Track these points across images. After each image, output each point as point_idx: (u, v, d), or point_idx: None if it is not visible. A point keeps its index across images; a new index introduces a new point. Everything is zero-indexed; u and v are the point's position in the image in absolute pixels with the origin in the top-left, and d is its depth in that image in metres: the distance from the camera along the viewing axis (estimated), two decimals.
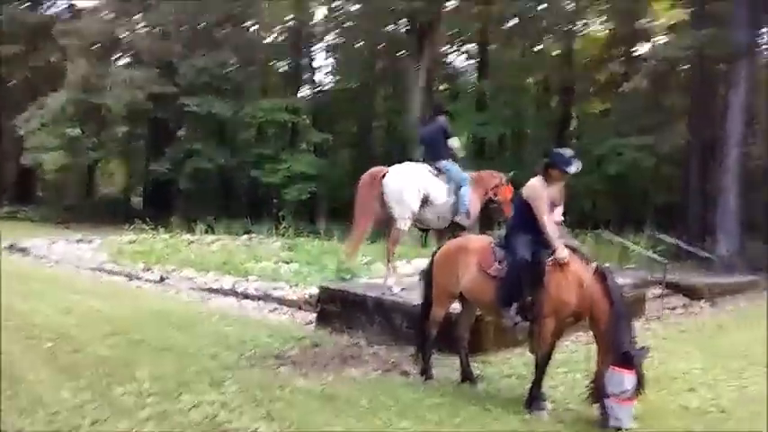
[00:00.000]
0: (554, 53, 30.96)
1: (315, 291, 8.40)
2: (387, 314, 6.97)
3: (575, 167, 4.93)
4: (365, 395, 5.01)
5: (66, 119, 26.64)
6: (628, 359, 4.34)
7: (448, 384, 5.41)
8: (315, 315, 7.92)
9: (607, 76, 30.71)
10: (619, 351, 4.37)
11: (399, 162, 7.92)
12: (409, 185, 7.26)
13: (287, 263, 12.18)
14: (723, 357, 6.71)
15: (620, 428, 4.35)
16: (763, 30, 21.96)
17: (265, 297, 9.30)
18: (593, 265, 4.76)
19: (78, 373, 5.35)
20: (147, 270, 11.92)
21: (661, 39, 27.76)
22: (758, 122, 18.08)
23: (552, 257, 4.75)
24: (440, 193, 7.46)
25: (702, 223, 20.42)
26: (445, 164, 7.65)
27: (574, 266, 4.71)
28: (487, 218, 8.67)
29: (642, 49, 28.59)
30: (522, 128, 31.29)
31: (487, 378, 5.63)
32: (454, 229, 7.63)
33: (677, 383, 5.63)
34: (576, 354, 6.46)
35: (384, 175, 7.37)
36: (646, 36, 29.44)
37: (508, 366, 6.04)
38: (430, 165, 7.64)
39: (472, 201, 7.63)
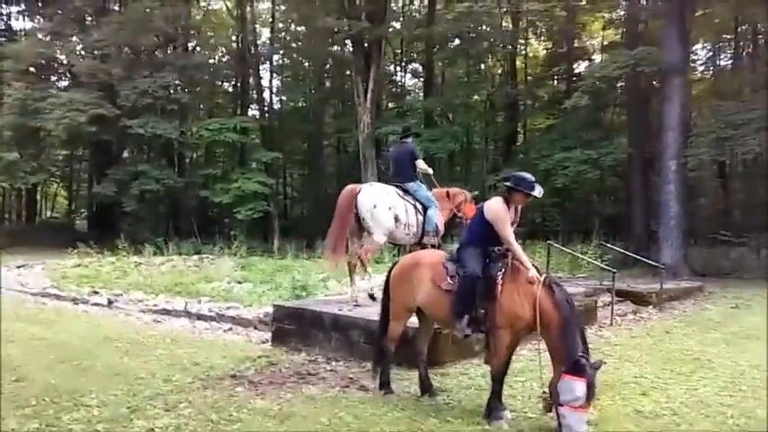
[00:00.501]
0: (498, 71, 31.80)
1: (270, 309, 8.28)
2: (343, 330, 6.93)
3: (538, 191, 5.02)
4: (324, 412, 4.95)
5: (3, 143, 25.75)
6: (579, 367, 4.37)
7: (407, 398, 5.40)
8: (270, 334, 7.80)
9: (549, 93, 31.72)
10: (570, 359, 4.42)
11: (350, 179, 8.08)
12: (380, 204, 7.50)
13: (240, 282, 12.00)
14: (673, 361, 6.90)
15: None
16: (694, 47, 23.13)
17: (219, 317, 9.12)
18: (543, 276, 4.81)
19: (24, 402, 5.13)
20: (95, 294, 11.55)
21: (597, 57, 28.94)
22: (693, 135, 18.87)
23: (504, 270, 4.84)
24: (407, 213, 7.72)
25: (647, 232, 21.17)
26: (413, 185, 7.96)
27: (525, 279, 4.76)
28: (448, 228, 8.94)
29: (580, 67, 29.70)
30: (470, 144, 31.86)
31: (447, 390, 5.64)
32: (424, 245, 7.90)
33: (630, 388, 5.75)
34: (534, 362, 6.53)
35: (359, 193, 7.58)
36: (583, 55, 30.64)
37: (467, 377, 6.06)
38: (399, 185, 7.90)
39: (439, 219, 8.00)
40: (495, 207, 4.99)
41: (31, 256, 20.77)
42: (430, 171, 8.17)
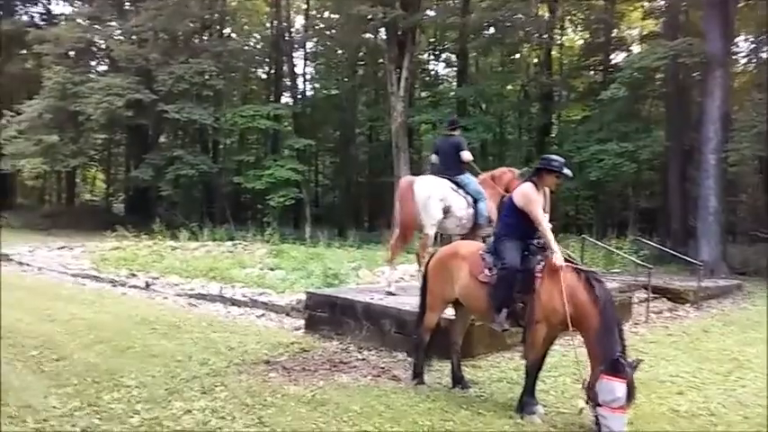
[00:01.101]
0: (533, 61, 31.37)
1: (302, 296, 8.36)
2: (376, 319, 6.96)
3: (568, 170, 4.98)
4: (356, 401, 4.99)
5: (43, 125, 26.35)
6: (618, 367, 4.27)
7: (439, 389, 5.41)
8: (303, 321, 7.89)
9: (585, 83, 31.17)
10: (609, 359, 4.32)
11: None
12: (433, 196, 7.61)
13: (272, 269, 12.11)
14: (710, 361, 6.79)
15: None
16: (736, 39, 22.47)
17: (252, 303, 9.24)
18: (583, 271, 4.73)
19: (65, 381, 5.29)
20: (132, 276, 11.80)
21: (636, 48, 28.32)
22: (734, 129, 18.38)
23: (543, 263, 4.76)
24: (459, 205, 7.84)
25: (684, 227, 20.76)
26: (463, 178, 8.05)
27: (564, 273, 4.66)
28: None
29: (618, 58, 29.09)
30: (503, 134, 31.57)
31: (479, 382, 5.64)
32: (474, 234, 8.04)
33: (666, 387, 5.68)
34: (567, 357, 6.51)
35: (414, 185, 7.70)
36: (621, 45, 30.00)
37: (499, 370, 6.05)
38: (449, 178, 7.96)
39: (491, 210, 8.04)
40: (524, 191, 4.95)
41: (71, 237, 21.30)
42: (470, 158, 8.16)
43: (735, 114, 22.52)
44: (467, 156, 8.07)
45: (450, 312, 5.70)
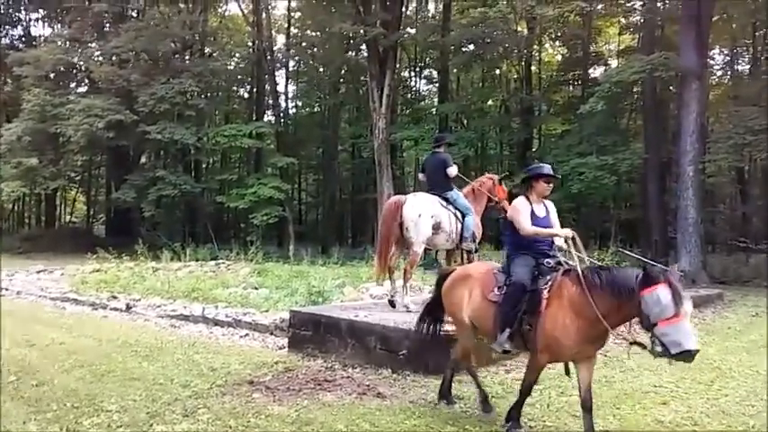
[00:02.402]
0: (513, 77, 31.76)
1: (286, 315, 8.31)
2: (360, 337, 6.93)
3: (549, 169, 5.00)
4: (341, 420, 4.95)
5: (22, 148, 26.13)
6: (651, 277, 3.86)
7: (424, 406, 5.38)
8: (287, 340, 7.83)
9: (564, 98, 31.62)
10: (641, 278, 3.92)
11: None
12: (424, 213, 7.74)
13: (256, 288, 12.02)
14: (693, 370, 6.80)
15: (687, 351, 3.84)
16: (711, 52, 22.91)
17: (236, 323, 9.16)
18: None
19: (45, 407, 5.20)
20: (113, 299, 11.66)
21: (613, 62, 28.82)
22: (711, 140, 18.71)
23: (548, 286, 4.50)
24: (450, 221, 7.99)
25: (664, 238, 20.99)
26: (452, 194, 8.21)
27: (573, 293, 4.33)
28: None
29: (596, 72, 29.59)
30: (485, 149, 31.82)
31: (464, 398, 5.62)
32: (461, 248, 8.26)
33: (650, 397, 5.70)
34: (552, 371, 6.52)
35: (404, 204, 7.82)
36: (599, 60, 30.52)
37: (483, 386, 6.03)
38: (438, 195, 8.11)
39: (476, 225, 8.24)
40: (513, 204, 4.95)
41: (51, 260, 21.04)
42: (455, 172, 8.26)
43: (711, 126, 22.95)
44: (453, 171, 8.18)
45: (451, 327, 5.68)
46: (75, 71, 31.28)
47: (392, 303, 7.97)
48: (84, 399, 5.43)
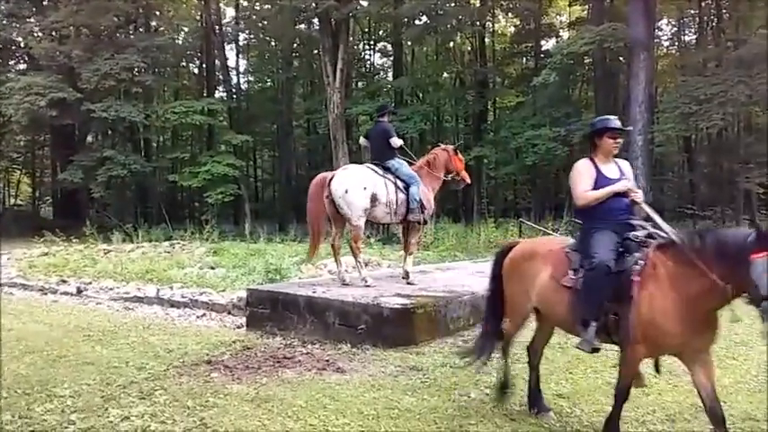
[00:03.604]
0: (467, 49, 31.82)
1: (243, 294, 8.23)
2: (319, 313, 6.92)
3: (616, 122, 4.24)
4: (301, 395, 4.95)
5: None
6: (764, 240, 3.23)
7: (384, 378, 5.42)
8: (245, 319, 7.77)
9: (518, 70, 31.86)
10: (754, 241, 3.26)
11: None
12: (354, 186, 7.53)
13: (212, 268, 11.88)
14: None
15: None
16: (659, 23, 23.35)
17: (192, 303, 9.03)
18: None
19: None
20: (63, 283, 11.33)
21: (565, 34, 29.14)
22: (659, 110, 19.18)
23: (640, 266, 3.71)
24: (387, 190, 7.75)
25: None
26: (393, 163, 7.99)
27: (674, 270, 3.60)
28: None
29: (548, 44, 29.88)
30: (441, 122, 31.90)
31: (422, 369, 5.68)
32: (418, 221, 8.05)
33: (601, 361, 5.68)
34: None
35: (332, 179, 7.64)
36: (550, 32, 30.80)
37: (442, 356, 6.10)
38: (377, 165, 7.95)
39: (425, 195, 7.99)
40: (573, 169, 4.25)
41: None
42: (399, 143, 8.11)
43: (659, 96, 23.49)
44: (396, 142, 8.04)
45: (395, 302, 5.70)
46: (13, 48, 29.93)
47: (343, 281, 7.87)
48: (35, 385, 5.28)
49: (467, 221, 22.58)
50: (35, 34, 28.07)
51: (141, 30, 31.44)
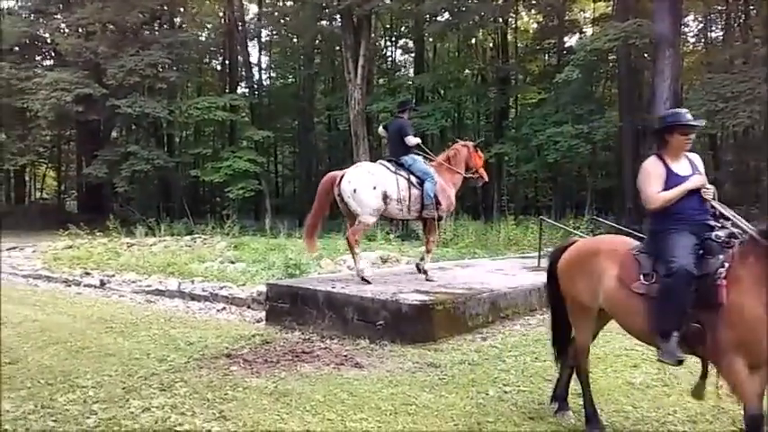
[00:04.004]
0: (489, 45, 31.60)
1: (263, 288, 8.29)
2: (338, 308, 6.94)
3: (688, 116, 3.89)
4: (319, 390, 4.96)
5: None
6: None
7: (401, 374, 5.42)
8: (264, 313, 7.82)
9: (540, 67, 31.57)
10: None
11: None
12: (363, 186, 7.51)
13: (233, 262, 11.98)
14: None
15: None
16: (685, 19, 22.97)
17: (212, 297, 9.13)
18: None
19: (19, 384, 5.13)
20: (87, 275, 11.52)
21: (588, 30, 28.80)
22: (684, 108, 18.87)
23: (725, 268, 3.39)
24: (399, 188, 7.69)
25: (638, 206, 21.21)
26: (407, 159, 7.94)
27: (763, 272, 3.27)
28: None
29: (571, 40, 29.56)
30: (462, 119, 31.75)
31: (440, 365, 5.67)
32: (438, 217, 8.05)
33: (622, 360, 5.79)
34: (527, 337, 6.62)
35: (342, 178, 7.62)
36: (574, 28, 30.46)
37: (460, 353, 6.08)
38: (392, 160, 7.93)
39: (442, 192, 7.94)
40: (641, 168, 3.93)
41: (22, 238, 20.66)
42: (415, 142, 8.02)
43: (685, 93, 23.12)
44: (411, 141, 7.95)
45: (414, 298, 5.69)
46: (40, 44, 30.41)
47: (364, 279, 7.73)
48: (58, 375, 5.37)
49: (486, 219, 22.47)
50: (62, 31, 28.50)
51: (166, 26, 31.78)
